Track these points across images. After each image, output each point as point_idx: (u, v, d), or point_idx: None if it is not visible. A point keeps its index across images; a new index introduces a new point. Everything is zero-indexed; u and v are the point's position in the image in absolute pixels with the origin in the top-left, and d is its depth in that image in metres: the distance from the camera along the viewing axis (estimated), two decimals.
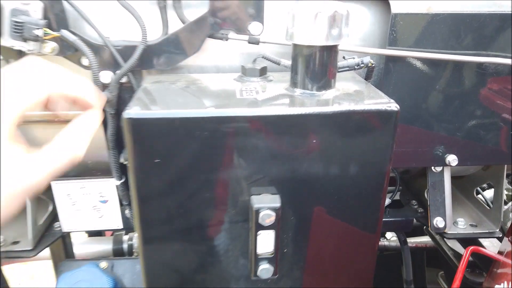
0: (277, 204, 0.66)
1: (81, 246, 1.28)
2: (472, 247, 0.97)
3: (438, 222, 0.98)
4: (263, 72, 0.78)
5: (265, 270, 0.70)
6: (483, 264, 1.21)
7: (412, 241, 1.50)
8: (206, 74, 0.83)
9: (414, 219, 1.10)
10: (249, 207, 0.67)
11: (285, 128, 0.64)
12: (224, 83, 0.76)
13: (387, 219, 1.08)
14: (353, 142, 0.66)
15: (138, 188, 0.65)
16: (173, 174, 0.65)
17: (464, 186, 1.15)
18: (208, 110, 0.62)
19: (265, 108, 0.63)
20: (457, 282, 0.91)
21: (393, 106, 0.65)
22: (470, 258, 1.26)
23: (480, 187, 1.27)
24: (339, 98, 0.68)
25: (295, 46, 0.68)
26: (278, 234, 0.68)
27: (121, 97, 0.80)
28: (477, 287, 1.14)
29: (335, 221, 0.72)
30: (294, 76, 0.71)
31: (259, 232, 0.67)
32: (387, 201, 1.09)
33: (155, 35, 0.80)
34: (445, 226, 0.98)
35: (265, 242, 0.68)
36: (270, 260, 0.70)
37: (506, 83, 0.86)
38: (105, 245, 1.27)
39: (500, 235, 1.03)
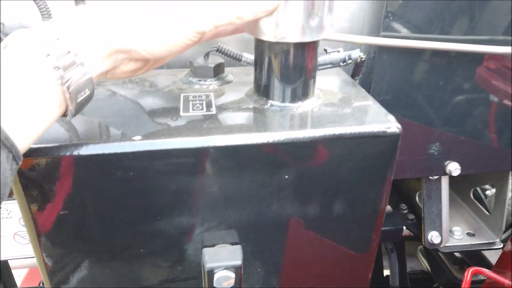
0: (238, 261, 0.49)
1: None
2: (472, 269, 0.84)
3: (434, 237, 0.83)
4: (218, 70, 0.58)
5: None
6: (473, 261, 1.10)
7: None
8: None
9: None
10: (201, 264, 0.50)
11: (245, 161, 0.46)
12: (166, 88, 0.56)
13: None
14: (339, 174, 0.48)
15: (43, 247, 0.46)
16: (90, 228, 0.46)
17: (460, 186, 1.00)
18: (131, 142, 0.43)
19: (216, 137, 0.44)
20: None
21: (394, 127, 0.47)
22: (458, 255, 1.15)
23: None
24: (321, 114, 0.50)
25: (259, 42, 0.49)
26: None
27: None
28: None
29: (319, 269, 0.56)
30: (259, 80, 0.52)
31: None
32: None
33: None
34: (441, 242, 0.84)
35: None
36: None
37: None
38: None
39: (501, 246, 0.90)
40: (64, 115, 0.38)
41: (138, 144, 0.42)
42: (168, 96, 0.54)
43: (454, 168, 0.75)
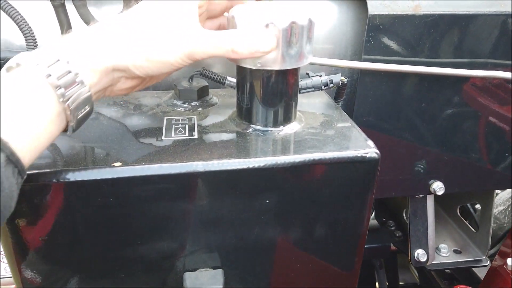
0: (219, 285, 0.49)
1: None
2: (459, 287, 0.84)
3: (420, 255, 0.84)
4: (202, 93, 0.59)
5: None
6: (462, 277, 1.10)
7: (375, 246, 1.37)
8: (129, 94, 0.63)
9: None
10: None
11: (226, 187, 0.46)
12: (150, 111, 0.56)
13: None
14: (320, 198, 0.49)
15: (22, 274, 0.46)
16: (69, 253, 0.46)
17: (447, 202, 1.01)
18: (111, 169, 0.43)
19: (196, 164, 0.44)
20: None
21: (372, 152, 0.48)
22: (447, 271, 1.15)
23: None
24: (301, 139, 0.50)
25: (240, 68, 0.49)
26: None
27: None
28: None
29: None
30: (241, 104, 0.52)
31: None
32: None
33: None
34: (427, 260, 0.84)
35: None
36: None
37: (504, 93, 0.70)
38: None
39: (487, 264, 0.90)
40: (65, 130, 0.40)
41: (117, 171, 0.43)
42: (151, 119, 0.54)
43: (438, 187, 0.76)
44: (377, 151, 0.48)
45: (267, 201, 0.47)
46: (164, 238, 0.47)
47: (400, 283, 1.28)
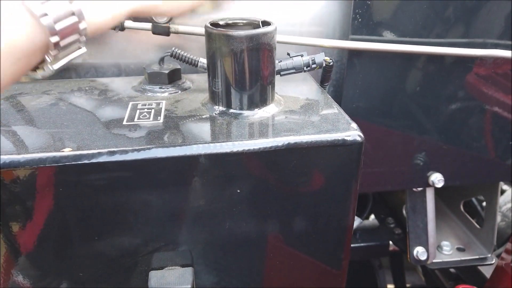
0: (187, 285, 0.44)
1: None
2: (461, 286, 0.78)
3: (420, 253, 0.78)
4: (174, 77, 0.54)
5: None
6: (467, 277, 1.04)
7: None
8: (98, 79, 0.58)
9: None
10: None
11: (189, 175, 0.41)
12: (115, 96, 0.52)
13: (358, 245, 0.88)
14: (298, 187, 0.44)
15: None
16: (22, 251, 0.42)
17: (450, 197, 0.95)
18: (62, 152, 0.38)
19: (156, 150, 0.40)
20: None
21: (355, 134, 0.43)
22: (452, 270, 1.09)
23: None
24: (277, 122, 0.45)
25: (209, 48, 0.45)
26: None
27: None
28: None
29: None
30: (212, 88, 0.47)
31: None
32: (357, 221, 0.89)
33: None
34: (427, 258, 0.79)
35: None
36: None
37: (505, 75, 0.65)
38: None
39: (493, 262, 0.84)
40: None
41: (66, 157, 0.38)
42: (115, 105, 0.50)
43: (437, 179, 0.70)
44: (361, 134, 0.43)
45: (238, 191, 0.43)
46: (123, 232, 0.42)
47: (407, 285, 1.23)
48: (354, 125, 0.44)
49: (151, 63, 0.56)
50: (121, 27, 0.54)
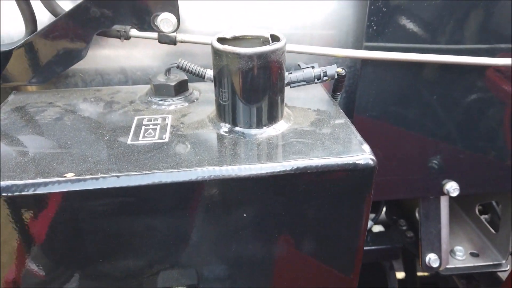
0: None
1: None
2: None
3: (432, 260, 0.77)
4: (180, 88, 0.53)
5: None
6: (481, 278, 1.02)
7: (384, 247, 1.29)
8: (103, 89, 0.57)
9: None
10: None
11: (194, 199, 0.40)
12: (120, 110, 0.51)
13: (369, 248, 0.86)
14: (306, 211, 0.43)
15: None
16: (33, 271, 0.41)
17: (465, 200, 0.93)
18: (64, 178, 0.37)
19: (159, 174, 0.38)
20: None
21: (367, 158, 0.41)
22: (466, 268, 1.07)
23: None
24: (287, 142, 0.44)
25: (216, 59, 0.43)
26: None
27: None
28: None
29: None
30: (220, 101, 0.46)
31: None
32: (369, 223, 0.88)
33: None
34: (440, 265, 0.77)
35: None
36: None
37: None
38: None
39: (507, 268, 0.82)
40: None
41: (68, 184, 0.37)
42: (121, 119, 0.48)
43: (452, 188, 0.68)
44: (373, 157, 0.41)
45: (245, 215, 0.41)
46: (128, 255, 0.42)
47: (418, 273, 1.21)
48: (366, 147, 0.42)
49: (157, 72, 0.55)
50: (126, 36, 0.53)
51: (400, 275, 1.14)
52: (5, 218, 0.38)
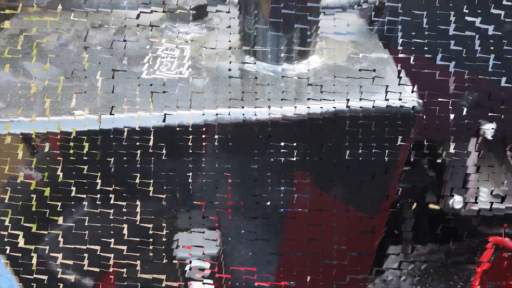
0: (213, 250, 0.42)
1: None
2: (493, 238, 0.75)
3: (455, 202, 0.74)
4: (199, 14, 0.47)
5: None
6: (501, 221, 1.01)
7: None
8: (113, 12, 0.51)
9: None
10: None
11: (219, 141, 0.37)
12: (132, 37, 0.45)
13: None
14: (339, 157, 0.39)
15: None
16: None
17: (494, 142, 0.88)
18: (72, 116, 0.34)
19: (181, 114, 0.35)
20: (477, 280, 0.71)
21: (412, 101, 0.36)
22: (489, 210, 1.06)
23: None
24: (319, 81, 0.39)
25: None
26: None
27: None
28: None
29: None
30: (246, 29, 0.40)
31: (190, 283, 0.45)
32: None
33: None
34: (463, 207, 0.75)
35: None
36: None
37: None
38: None
39: None
40: None
41: (79, 122, 0.34)
42: (133, 50, 0.43)
43: (489, 129, 0.63)
44: (419, 100, 0.36)
45: (272, 159, 0.38)
46: (148, 196, 0.40)
47: None
48: (408, 87, 0.37)
49: None
50: None
51: None
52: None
